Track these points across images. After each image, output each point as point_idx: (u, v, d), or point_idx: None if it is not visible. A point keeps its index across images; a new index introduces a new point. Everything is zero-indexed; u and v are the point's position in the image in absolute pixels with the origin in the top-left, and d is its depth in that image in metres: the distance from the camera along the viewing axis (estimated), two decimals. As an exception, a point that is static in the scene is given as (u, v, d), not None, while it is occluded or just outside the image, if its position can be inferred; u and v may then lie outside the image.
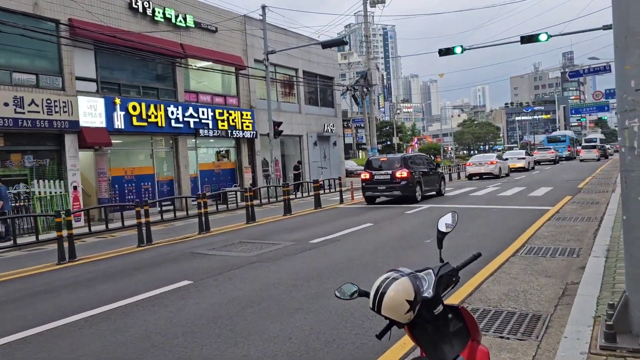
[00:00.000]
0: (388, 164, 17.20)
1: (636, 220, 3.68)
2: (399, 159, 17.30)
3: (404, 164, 16.91)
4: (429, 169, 18.40)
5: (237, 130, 22.56)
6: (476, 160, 29.42)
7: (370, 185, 17.13)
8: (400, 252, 8.58)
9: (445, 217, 2.94)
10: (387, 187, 16.70)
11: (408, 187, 16.55)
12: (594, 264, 6.39)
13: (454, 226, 2.90)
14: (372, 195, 17.26)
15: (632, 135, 3.67)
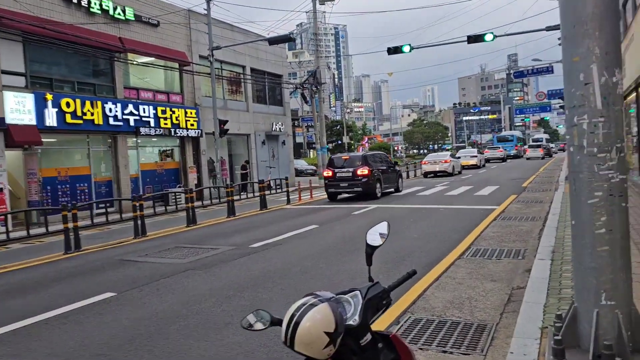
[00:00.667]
0: (350, 162, 17.74)
1: (586, 225, 3.38)
2: (360, 157, 17.96)
3: (365, 162, 17.49)
4: (387, 167, 19.13)
5: (181, 129, 21.66)
6: (431, 158, 30.51)
7: (332, 182, 17.66)
8: (343, 256, 8.18)
9: (376, 229, 2.51)
10: (349, 184, 17.27)
11: (369, 184, 17.12)
12: (539, 268, 6.19)
13: (387, 237, 2.48)
14: (334, 192, 17.80)
15: (581, 133, 3.37)
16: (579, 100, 3.38)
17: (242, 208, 17.50)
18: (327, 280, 6.74)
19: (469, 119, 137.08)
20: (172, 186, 21.76)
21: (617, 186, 3.33)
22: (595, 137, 3.33)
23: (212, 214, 16.09)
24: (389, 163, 19.90)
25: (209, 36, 20.86)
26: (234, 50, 25.14)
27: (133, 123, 19.47)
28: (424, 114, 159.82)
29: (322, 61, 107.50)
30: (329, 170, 18.02)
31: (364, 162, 17.49)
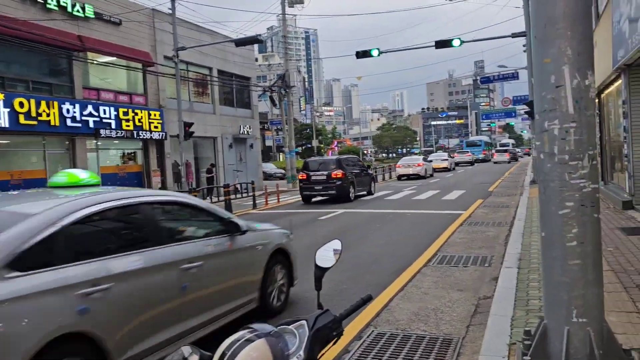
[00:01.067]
0: (324, 165, 18.15)
1: (556, 237, 3.18)
2: (335, 161, 18.46)
3: (339, 165, 17.88)
4: (361, 171, 19.59)
5: (145, 131, 21.01)
6: (405, 162, 32.08)
7: (307, 185, 18.00)
8: (309, 265, 7.88)
9: (327, 247, 2.23)
10: (324, 187, 17.58)
11: (343, 187, 17.54)
12: (506, 276, 6.03)
13: (339, 257, 2.20)
14: (309, 195, 18.13)
15: (552, 139, 3.16)
16: (549, 105, 3.18)
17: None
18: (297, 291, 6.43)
19: (437, 124, 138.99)
20: (135, 190, 21.06)
21: (589, 196, 3.13)
22: (567, 144, 3.13)
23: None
24: (362, 167, 20.35)
25: (174, 36, 20.31)
26: (201, 52, 24.59)
27: (92, 125, 18.76)
28: (393, 119, 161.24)
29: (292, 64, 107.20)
30: (303, 173, 18.29)
31: (338, 166, 17.82)
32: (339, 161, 18.39)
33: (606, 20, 10.88)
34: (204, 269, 4.35)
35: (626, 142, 10.60)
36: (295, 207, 17.19)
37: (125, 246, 3.90)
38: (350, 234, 10.69)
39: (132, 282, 3.68)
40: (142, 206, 4.17)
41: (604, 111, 14.96)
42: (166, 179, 22.36)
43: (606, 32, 10.43)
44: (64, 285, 3.22)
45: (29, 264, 3.13)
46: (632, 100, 10.12)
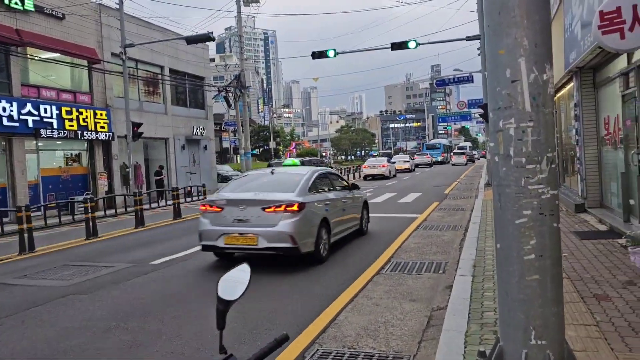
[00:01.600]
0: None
1: (513, 250, 2.83)
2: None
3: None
4: None
5: (90, 132, 19.96)
6: (370, 163, 34.67)
7: None
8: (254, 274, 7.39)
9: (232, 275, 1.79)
10: None
11: None
12: (460, 286, 5.73)
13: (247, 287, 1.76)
14: None
15: (508, 140, 2.82)
16: (505, 101, 2.83)
17: (154, 217, 16.25)
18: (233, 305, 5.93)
19: (395, 126, 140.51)
20: (80, 193, 19.98)
21: (548, 203, 2.80)
22: (524, 145, 2.78)
23: (120, 225, 14.75)
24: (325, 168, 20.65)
25: (122, 32, 19.38)
26: (152, 49, 23.69)
27: (32, 124, 17.63)
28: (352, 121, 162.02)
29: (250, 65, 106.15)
30: None
31: None
32: (302, 163, 18.08)
33: (558, 22, 10.87)
34: (347, 202, 9.56)
35: (578, 145, 10.60)
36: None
37: (329, 189, 9.00)
38: (302, 239, 10.24)
39: (333, 202, 8.74)
40: (328, 174, 9.49)
41: (555, 114, 15.10)
42: (113, 182, 21.35)
43: (558, 34, 10.41)
44: (321, 199, 8.22)
45: (311, 190, 8.02)
46: (584, 103, 10.12)
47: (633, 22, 5.06)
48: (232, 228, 7.49)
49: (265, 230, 7.35)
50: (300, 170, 8.91)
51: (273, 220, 7.38)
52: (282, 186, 7.98)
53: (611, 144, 9.17)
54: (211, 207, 7.83)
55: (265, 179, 8.58)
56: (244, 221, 7.48)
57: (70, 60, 19.51)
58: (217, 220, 7.66)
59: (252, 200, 7.56)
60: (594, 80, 9.89)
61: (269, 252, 7.47)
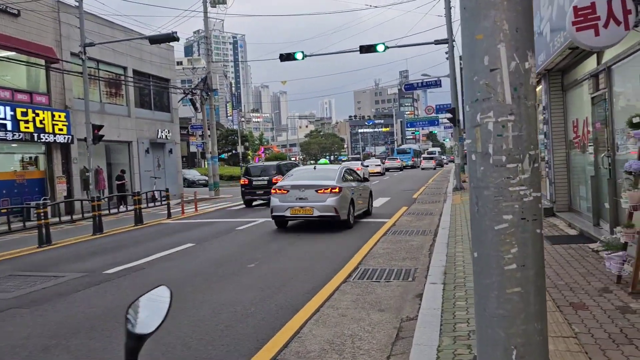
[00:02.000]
0: (265, 171, 19.21)
1: (492, 259, 2.53)
2: (275, 167, 19.77)
3: (279, 171, 18.97)
4: None
5: (48, 134, 19.06)
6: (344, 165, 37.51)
7: (248, 189, 18.86)
8: (212, 283, 6.97)
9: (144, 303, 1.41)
10: (265, 192, 17.86)
11: None
12: (430, 294, 5.44)
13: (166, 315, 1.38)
14: (250, 199, 19.01)
15: (486, 136, 2.53)
16: (483, 93, 2.53)
17: (115, 223, 15.57)
18: (186, 317, 5.51)
19: (364, 131, 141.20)
20: (37, 198, 18.97)
21: (531, 207, 2.51)
22: (504, 142, 2.49)
23: (77, 231, 14.04)
24: None
25: (81, 30, 18.60)
26: (114, 50, 22.90)
27: (-17, 126, 16.72)
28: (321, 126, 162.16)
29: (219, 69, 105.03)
30: (245, 179, 19.19)
31: (279, 171, 18.79)
32: (279, 167, 19.52)
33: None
34: (362, 190, 13.23)
35: (547, 149, 10.53)
36: (213, 217, 16.11)
37: (352, 180, 12.76)
38: (265, 246, 9.86)
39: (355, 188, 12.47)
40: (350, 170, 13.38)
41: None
42: (73, 187, 20.46)
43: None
44: (349, 186, 11.96)
45: (343, 180, 11.88)
46: (552, 106, 10.06)
47: (608, 18, 4.89)
48: (296, 204, 11.49)
49: (318, 205, 11.29)
50: (333, 167, 14.51)
51: (323, 198, 11.35)
52: (325, 176, 12.17)
53: (580, 147, 9.10)
54: (279, 190, 11.79)
55: (311, 173, 12.93)
56: (303, 199, 11.48)
57: (26, 59, 18.62)
58: (284, 199, 11.62)
59: (309, 185, 11.67)
60: (562, 82, 9.83)
61: (320, 218, 11.43)
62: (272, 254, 9.01)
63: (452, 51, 21.21)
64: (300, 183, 11.87)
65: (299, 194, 11.51)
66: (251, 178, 18.90)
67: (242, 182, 19.30)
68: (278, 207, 11.63)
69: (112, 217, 17.38)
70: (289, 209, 11.46)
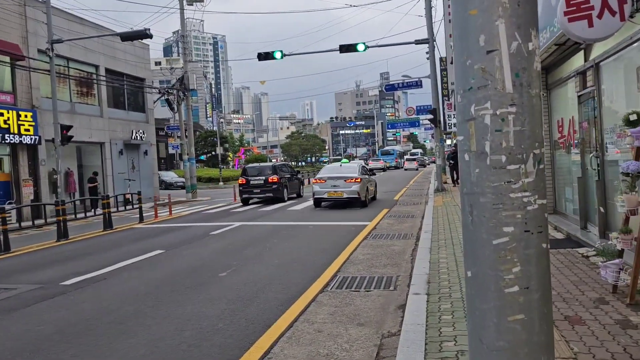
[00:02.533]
0: (262, 171, 20.56)
1: (490, 280, 2.11)
2: (270, 167, 21.24)
3: (275, 171, 20.47)
4: (292, 176, 22.24)
5: (12, 134, 18.21)
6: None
7: (246, 188, 20.20)
8: (179, 294, 6.44)
9: None
10: (261, 190, 19.89)
11: (278, 189, 20.02)
12: (414, 307, 5.00)
13: None
14: (247, 197, 20.39)
15: (482, 132, 2.10)
16: (478, 79, 2.09)
17: (83, 228, 14.88)
18: (145, 335, 4.98)
19: (345, 133, 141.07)
20: (1, 202, 18.20)
21: (536, 217, 2.08)
22: (504, 139, 2.05)
23: (41, 237, 13.33)
24: (293, 172, 23.30)
25: (48, 26, 17.82)
26: (85, 47, 22.11)
27: (-57, 126, 15.86)
28: (302, 127, 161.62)
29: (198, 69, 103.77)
30: (242, 178, 20.60)
31: (274, 172, 20.32)
32: (274, 167, 21.02)
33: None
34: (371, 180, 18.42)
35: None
36: (188, 221, 15.51)
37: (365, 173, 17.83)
38: (239, 252, 9.33)
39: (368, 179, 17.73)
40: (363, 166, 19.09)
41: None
42: (40, 190, 19.63)
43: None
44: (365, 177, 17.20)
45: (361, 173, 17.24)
46: (536, 105, 9.74)
47: (602, 8, 4.52)
48: (331, 189, 16.44)
49: (346, 190, 16.25)
50: (353, 164, 19.47)
51: (349, 186, 16.29)
52: (349, 171, 17.24)
53: (565, 147, 8.79)
54: (319, 180, 17.08)
55: (339, 168, 18.07)
56: (336, 186, 16.42)
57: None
58: (322, 186, 16.71)
59: (339, 177, 16.66)
60: (546, 81, 9.52)
61: (348, 199, 16.28)
62: (246, 260, 8.51)
63: (432, 51, 20.93)
64: (333, 175, 16.97)
65: (333, 183, 16.58)
66: (248, 178, 20.28)
67: (240, 181, 20.68)
68: (318, 192, 16.82)
69: (82, 221, 16.65)
70: (326, 193, 16.54)
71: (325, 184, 16.65)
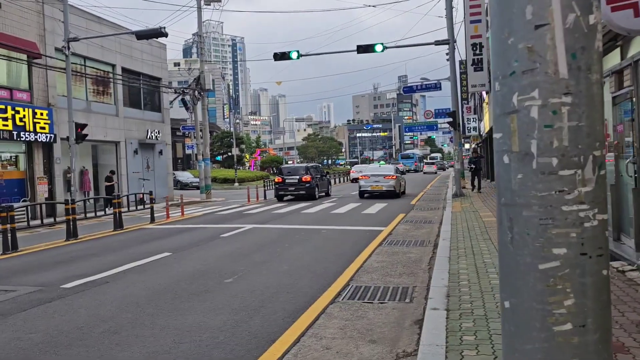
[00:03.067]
0: (296, 171, 23.12)
1: (534, 314, 1.69)
2: (304, 168, 23.74)
3: (307, 171, 22.92)
4: (321, 176, 24.86)
5: (28, 132, 18.17)
6: (357, 168, 43.44)
7: (282, 186, 22.65)
8: (182, 302, 6.08)
9: None
10: (296, 188, 22.24)
11: (311, 188, 22.28)
12: (432, 324, 4.56)
13: None
14: (283, 194, 22.72)
15: (528, 128, 1.68)
16: (523, 61, 1.67)
17: (95, 227, 14.69)
18: (139, 348, 4.62)
19: (362, 136, 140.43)
20: (16, 200, 18.18)
21: (595, 236, 1.65)
22: (556, 136, 1.62)
23: (51, 236, 13.14)
24: (323, 173, 26.26)
25: (65, 24, 17.72)
26: (102, 46, 22.05)
27: (-42, 122, 15.82)
28: (319, 129, 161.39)
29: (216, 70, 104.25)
30: (279, 177, 23.25)
31: (307, 172, 22.81)
32: (307, 168, 23.64)
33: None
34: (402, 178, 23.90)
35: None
36: (199, 222, 15.22)
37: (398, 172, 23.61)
38: (248, 257, 8.96)
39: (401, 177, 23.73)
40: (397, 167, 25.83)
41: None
42: (54, 188, 19.55)
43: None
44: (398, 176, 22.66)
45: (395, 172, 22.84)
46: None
47: (649, -4, 4.04)
48: (374, 183, 21.36)
49: (385, 184, 21.09)
50: (389, 166, 25.90)
51: (388, 181, 21.09)
52: (387, 170, 22.58)
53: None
54: (364, 177, 22.13)
55: (378, 168, 23.50)
56: (377, 181, 21.28)
57: (7, 53, 17.74)
58: (366, 181, 21.70)
59: (380, 174, 21.70)
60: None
61: (386, 191, 21.05)
62: (254, 266, 8.13)
63: (452, 52, 20.40)
64: (375, 173, 22.45)
65: (375, 179, 21.68)
66: (284, 177, 22.85)
67: (277, 180, 23.35)
68: (364, 185, 21.87)
69: (94, 220, 16.48)
70: (370, 186, 21.61)
71: (369, 179, 21.75)
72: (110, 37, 22.17)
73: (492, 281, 6.00)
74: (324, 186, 24.27)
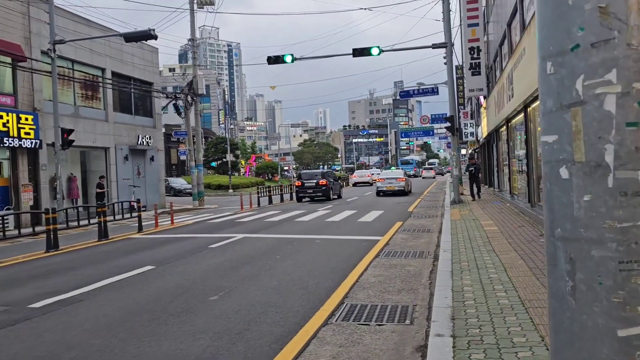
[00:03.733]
0: (314, 176, 26.57)
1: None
2: (320, 173, 27.33)
3: (324, 176, 26.47)
4: (335, 180, 28.30)
5: (12, 138, 17.55)
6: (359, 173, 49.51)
7: (301, 189, 26.07)
8: (160, 325, 5.50)
9: None
10: (313, 191, 25.74)
11: (327, 190, 25.68)
12: (437, 355, 4.01)
13: None
14: (302, 196, 26.09)
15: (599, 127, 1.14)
16: (592, 29, 1.14)
17: (78, 237, 14.10)
18: None
19: (358, 141, 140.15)
20: (0, 208, 17.56)
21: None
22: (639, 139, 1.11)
23: (32, 246, 12.54)
24: (335, 178, 29.71)
25: (50, 26, 17.19)
26: (91, 50, 21.50)
27: (-62, 128, 15.22)
28: (315, 135, 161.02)
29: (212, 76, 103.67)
30: (298, 181, 26.58)
31: (323, 176, 26.37)
32: (323, 174, 27.22)
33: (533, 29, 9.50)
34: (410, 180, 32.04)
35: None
36: (189, 231, 14.64)
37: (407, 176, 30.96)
38: (236, 271, 8.40)
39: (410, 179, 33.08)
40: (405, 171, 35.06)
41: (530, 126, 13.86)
42: (40, 195, 18.92)
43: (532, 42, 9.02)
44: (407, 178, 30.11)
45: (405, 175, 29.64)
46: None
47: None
48: (388, 184, 27.44)
49: (397, 185, 27.23)
50: (399, 170, 34.69)
51: (399, 182, 27.36)
52: (398, 174, 29.32)
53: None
54: (380, 179, 28.82)
55: (391, 172, 32.32)
56: (391, 183, 27.46)
57: (-10, 56, 17.17)
58: (382, 183, 27.81)
59: (393, 177, 28.41)
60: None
61: (398, 190, 26.98)
62: (242, 281, 7.57)
63: (450, 56, 19.97)
64: (389, 177, 28.43)
65: (389, 181, 27.34)
66: (303, 181, 26.20)
67: (297, 184, 26.71)
68: (380, 186, 27.36)
69: (81, 229, 15.87)
70: (385, 187, 26.96)
71: (385, 182, 27.63)
72: (100, 41, 21.64)
73: (500, 301, 5.47)
74: (336, 189, 27.96)
